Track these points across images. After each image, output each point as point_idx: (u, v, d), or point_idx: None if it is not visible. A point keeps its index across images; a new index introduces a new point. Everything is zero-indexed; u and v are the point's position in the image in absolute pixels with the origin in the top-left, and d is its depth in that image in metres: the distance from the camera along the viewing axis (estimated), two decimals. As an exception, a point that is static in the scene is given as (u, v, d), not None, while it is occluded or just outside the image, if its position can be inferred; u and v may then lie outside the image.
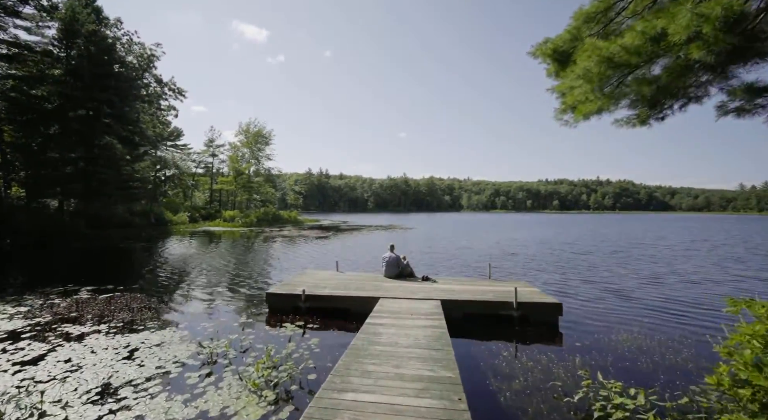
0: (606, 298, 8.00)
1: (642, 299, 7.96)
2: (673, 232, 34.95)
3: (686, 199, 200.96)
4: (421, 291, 7.27)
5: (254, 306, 7.46)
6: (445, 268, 12.64)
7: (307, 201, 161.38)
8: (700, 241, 23.65)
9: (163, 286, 9.16)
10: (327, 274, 9.02)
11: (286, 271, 11.80)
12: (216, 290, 8.83)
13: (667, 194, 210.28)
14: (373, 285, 7.81)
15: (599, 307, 7.36)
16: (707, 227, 43.21)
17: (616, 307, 7.38)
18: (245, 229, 36.32)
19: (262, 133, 51.24)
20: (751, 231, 36.21)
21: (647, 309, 7.22)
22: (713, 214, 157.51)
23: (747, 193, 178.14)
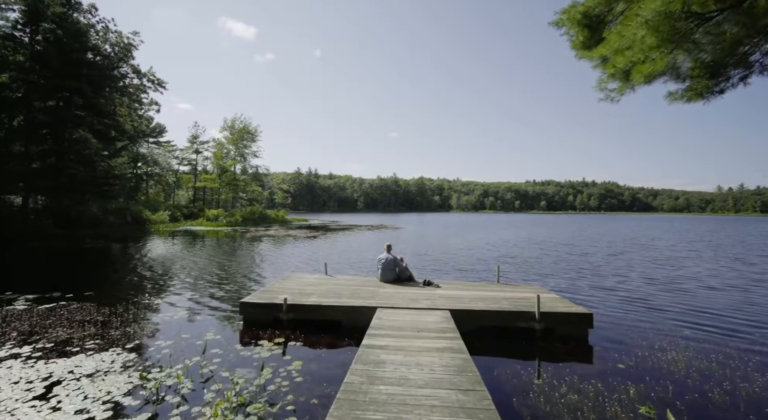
0: (631, 308, 7.03)
1: (671, 308, 7.01)
2: (664, 232, 34.99)
3: (668, 200, 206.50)
4: (424, 298, 6.22)
5: (226, 318, 6.26)
6: (443, 270, 11.64)
7: (296, 201, 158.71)
8: (697, 242, 23.40)
9: (122, 294, 7.84)
10: (314, 279, 7.88)
11: (267, 274, 10.59)
12: (183, 298, 7.58)
13: (649, 195, 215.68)
14: (368, 291, 6.72)
15: (627, 318, 6.39)
16: (694, 228, 43.70)
17: (647, 317, 6.41)
18: (229, 228, 34.66)
19: (249, 129, 49.44)
20: (740, 232, 36.61)
21: (683, 320, 6.25)
22: (693, 214, 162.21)
23: (724, 195, 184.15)
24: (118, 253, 15.25)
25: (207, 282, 9.26)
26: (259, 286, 8.67)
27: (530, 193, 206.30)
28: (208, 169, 55.36)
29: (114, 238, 21.24)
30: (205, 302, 7.28)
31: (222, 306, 7.01)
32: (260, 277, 10.02)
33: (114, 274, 10.53)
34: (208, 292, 8.19)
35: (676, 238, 26.50)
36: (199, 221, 39.14)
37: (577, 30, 5.17)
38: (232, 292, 8.19)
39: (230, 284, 9.05)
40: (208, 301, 7.41)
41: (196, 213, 44.32)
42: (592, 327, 5.29)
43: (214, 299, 7.54)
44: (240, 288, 8.68)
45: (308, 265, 12.44)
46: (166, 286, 8.86)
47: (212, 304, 7.19)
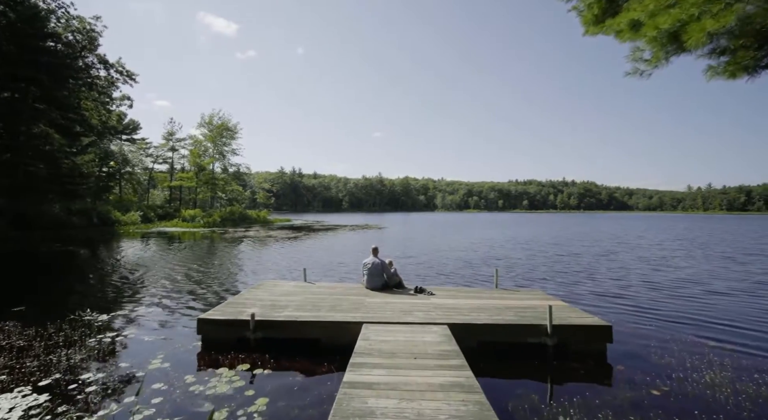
0: (643, 317, 6.28)
1: (687, 317, 6.26)
2: (644, 230, 35.63)
3: (642, 199, 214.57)
4: (417, 309, 5.39)
5: (183, 338, 5.24)
6: (433, 274, 10.88)
7: (280, 200, 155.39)
8: (680, 240, 23.65)
9: (61, 308, 6.65)
10: (290, 287, 6.92)
11: (239, 281, 9.52)
12: (134, 313, 6.47)
13: (625, 195, 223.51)
14: (352, 302, 5.84)
15: (643, 329, 5.66)
16: (671, 226, 44.92)
17: (665, 329, 5.66)
18: (206, 229, 32.91)
19: (228, 125, 47.45)
20: (714, 229, 37.74)
21: (706, 334, 5.46)
22: (666, 213, 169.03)
23: (694, 194, 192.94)
24: (74, 258, 13.74)
25: (167, 292, 8.13)
26: (227, 295, 7.62)
27: (513, 193, 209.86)
28: (186, 167, 52.91)
29: (75, 241, 19.46)
30: (159, 318, 6.21)
31: (179, 322, 5.96)
32: (230, 285, 8.94)
33: (59, 283, 9.21)
34: (165, 304, 7.09)
35: (658, 236, 26.82)
36: (174, 222, 37.12)
37: (592, 1, 4.47)
38: (195, 305, 7.13)
39: (194, 294, 7.95)
40: (164, 316, 6.34)
41: (172, 213, 42.13)
42: (611, 341, 4.59)
43: (172, 314, 6.47)
44: (205, 299, 7.61)
45: (286, 269, 11.42)
46: (117, 297, 7.68)
47: (168, 319, 6.13)
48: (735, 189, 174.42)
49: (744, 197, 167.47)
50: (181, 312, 6.55)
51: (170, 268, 11.39)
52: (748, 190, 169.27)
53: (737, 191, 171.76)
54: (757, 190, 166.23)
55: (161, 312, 6.53)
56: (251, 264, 12.53)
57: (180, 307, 6.82)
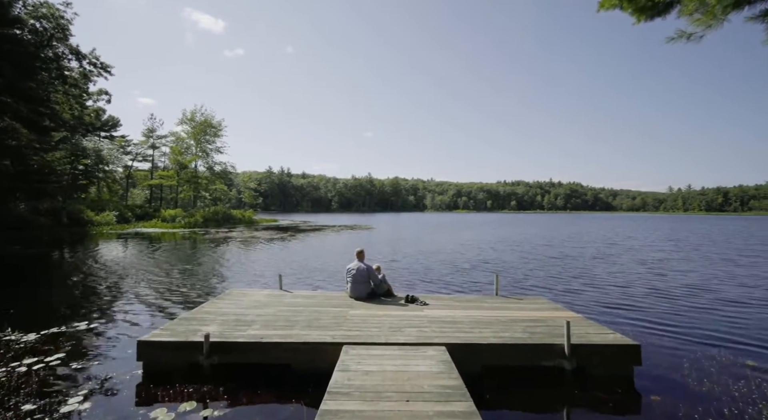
0: (662, 333, 5.41)
1: (714, 333, 5.39)
2: (632, 231, 35.81)
3: (626, 200, 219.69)
4: (409, 325, 4.57)
5: (122, 363, 4.28)
6: (427, 279, 10.10)
7: (268, 200, 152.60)
8: (671, 241, 23.57)
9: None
10: (262, 297, 6.01)
11: (209, 288, 8.52)
12: (73, 331, 5.45)
13: (609, 195, 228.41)
14: (333, 315, 4.98)
15: (668, 348, 4.84)
16: (656, 226, 45.51)
17: (694, 347, 4.80)
18: (187, 230, 31.42)
19: (211, 122, 45.78)
20: (698, 229, 38.28)
21: (741, 352, 4.69)
22: (648, 213, 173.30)
23: (675, 195, 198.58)
24: (29, 262, 12.42)
25: (119, 304, 7.09)
26: (191, 306, 6.63)
27: (501, 193, 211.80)
28: (168, 165, 50.83)
29: (38, 243, 17.95)
30: (100, 338, 5.21)
31: (122, 343, 4.98)
32: (196, 294, 7.94)
33: (11, 291, 8.03)
34: (113, 319, 6.08)
35: (648, 237, 26.79)
36: (153, 222, 35.39)
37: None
38: (148, 320, 6.14)
39: (150, 307, 6.94)
40: (107, 335, 5.34)
41: (151, 213, 40.26)
42: (639, 363, 3.87)
43: (117, 332, 5.47)
44: (162, 312, 6.62)
45: (261, 274, 10.45)
46: (58, 310, 6.62)
47: (110, 340, 5.14)
48: (713, 190, 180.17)
49: (721, 198, 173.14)
50: (129, 330, 5.55)
51: (134, 273, 10.27)
52: (725, 191, 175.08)
53: (715, 192, 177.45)
54: (733, 192, 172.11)
55: (104, 330, 5.53)
56: (225, 268, 11.49)
57: (128, 324, 5.81)
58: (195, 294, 7.79)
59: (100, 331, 5.43)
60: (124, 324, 5.80)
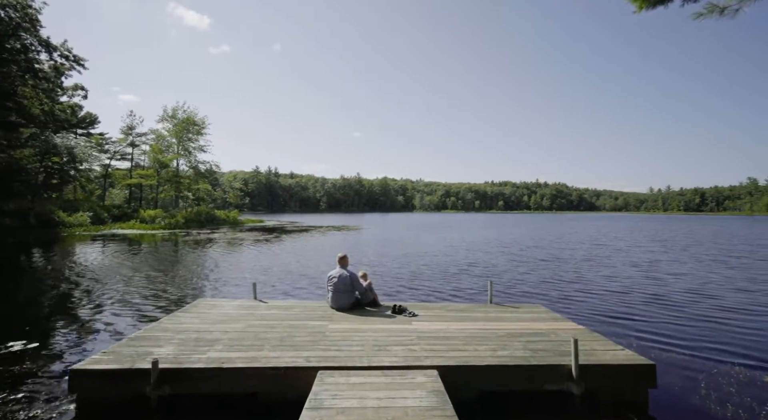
0: (670, 348, 4.87)
1: (725, 347, 4.91)
2: (618, 231, 36.29)
3: (609, 200, 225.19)
4: (396, 342, 4.03)
5: (55, 394, 3.61)
6: (415, 283, 9.61)
7: (255, 201, 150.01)
8: (657, 242, 23.79)
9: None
10: (231, 308, 5.38)
11: (178, 296, 7.80)
12: (8, 351, 4.71)
13: (593, 196, 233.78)
14: (310, 330, 4.41)
15: (680, 366, 4.35)
16: (639, 226, 46.38)
17: (709, 365, 4.28)
18: (167, 231, 30.18)
19: (194, 120, 44.28)
20: (681, 229, 39.09)
21: (759, 369, 4.32)
22: (630, 213, 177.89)
23: (655, 196, 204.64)
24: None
25: (72, 317, 6.34)
26: (146, 322, 5.91)
27: (489, 194, 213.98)
28: (148, 164, 48.96)
29: (4, 246, 16.68)
30: (35, 361, 4.49)
31: (62, 371, 4.28)
32: (161, 305, 7.21)
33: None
34: (58, 338, 5.35)
35: (634, 238, 27.04)
36: (131, 223, 33.88)
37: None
38: (99, 338, 5.43)
39: (106, 322, 6.19)
40: (45, 358, 4.62)
41: (130, 214, 38.61)
42: (654, 385, 3.43)
43: (59, 355, 4.75)
44: (116, 329, 5.90)
45: (239, 281, 9.76)
46: (5, 325, 5.82)
47: (50, 363, 4.43)
48: (691, 191, 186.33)
49: (698, 199, 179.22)
50: (71, 353, 4.84)
51: (96, 280, 9.43)
52: (702, 192, 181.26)
53: (693, 193, 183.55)
54: (710, 192, 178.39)
55: (43, 352, 4.80)
56: (198, 274, 10.69)
57: (72, 346, 5.09)
58: (159, 305, 7.07)
59: (37, 353, 4.69)
60: (67, 344, 5.07)
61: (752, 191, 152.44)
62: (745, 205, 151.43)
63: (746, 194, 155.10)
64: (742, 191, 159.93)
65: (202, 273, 10.83)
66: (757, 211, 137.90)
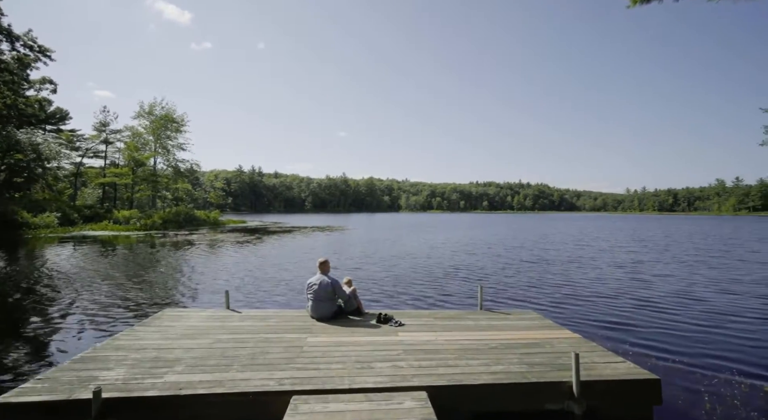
0: (667, 354, 4.75)
1: (726, 356, 4.77)
2: (597, 230, 37.12)
3: (588, 200, 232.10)
4: (380, 358, 3.66)
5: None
6: (401, 288, 9.27)
7: (238, 200, 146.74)
8: (641, 242, 24.31)
9: None
10: (199, 320, 4.87)
11: (138, 308, 7.17)
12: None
13: (574, 196, 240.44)
14: (285, 345, 3.98)
15: (681, 378, 4.12)
16: (619, 226, 47.68)
17: (712, 377, 4.08)
18: (142, 233, 28.83)
19: (172, 117, 42.66)
20: (658, 229, 40.36)
21: (758, 373, 4.23)
22: (609, 213, 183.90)
23: (631, 196, 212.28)
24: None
25: (13, 335, 5.66)
26: (100, 338, 5.31)
27: (474, 194, 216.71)
28: (124, 162, 46.81)
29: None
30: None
31: None
32: (120, 318, 6.59)
33: None
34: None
35: (615, 238, 27.63)
36: (103, 225, 32.21)
37: None
38: (43, 359, 4.82)
39: (54, 339, 5.57)
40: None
41: (103, 215, 36.74)
42: (659, 402, 3.19)
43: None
44: (64, 348, 5.30)
45: (213, 288, 9.16)
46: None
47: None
48: (664, 192, 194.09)
49: (672, 199, 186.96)
50: (4, 380, 4.24)
51: (53, 286, 8.64)
52: (675, 192, 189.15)
53: (666, 194, 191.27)
54: (682, 193, 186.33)
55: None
56: (168, 280, 9.97)
57: (2, 369, 4.48)
58: (118, 317, 6.43)
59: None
60: (21, 355, 4.46)
61: (720, 192, 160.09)
62: (713, 205, 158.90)
63: (714, 195, 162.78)
64: (710, 192, 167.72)
65: (173, 278, 10.13)
66: (725, 211, 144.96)
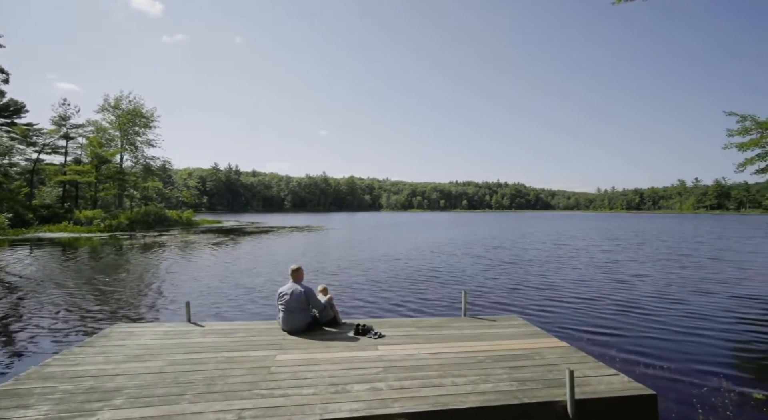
0: (655, 362, 4.59)
1: (702, 354, 4.82)
2: (572, 229, 38.27)
3: (562, 199, 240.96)
4: (357, 378, 3.28)
5: None
6: (380, 293, 8.91)
7: (214, 200, 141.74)
8: (615, 241, 25.07)
9: None
10: (153, 337, 4.31)
11: (83, 324, 6.43)
12: None
13: (549, 195, 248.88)
14: (250, 366, 3.53)
15: (675, 389, 3.93)
16: (591, 225, 49.45)
17: (708, 389, 3.91)
18: (106, 234, 27.04)
19: (140, 111, 40.34)
20: (628, 227, 42.10)
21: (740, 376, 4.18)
22: (581, 211, 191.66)
23: (602, 195, 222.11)
24: None
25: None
26: (21, 367, 4.63)
27: (453, 193, 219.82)
28: (87, 159, 43.84)
29: None
30: None
31: None
32: (61, 336, 5.86)
33: None
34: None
35: (590, 237, 28.45)
36: (62, 226, 29.99)
37: None
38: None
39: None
40: None
41: (62, 215, 34.24)
42: (656, 419, 2.99)
43: None
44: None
45: (174, 297, 8.46)
46: None
47: None
48: (632, 191, 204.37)
49: (638, 198, 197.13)
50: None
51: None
52: (641, 192, 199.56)
53: (633, 193, 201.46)
54: (647, 193, 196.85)
55: None
56: (126, 288, 9.03)
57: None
58: (56, 337, 5.66)
59: None
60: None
61: (681, 192, 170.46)
62: (675, 204, 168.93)
63: (676, 194, 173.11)
64: (673, 192, 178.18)
65: (131, 286, 9.23)
66: (685, 210, 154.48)
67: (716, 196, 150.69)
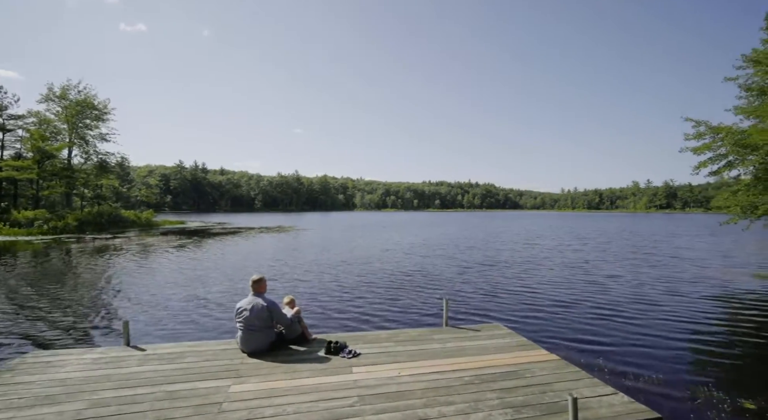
0: (646, 374, 4.37)
1: (688, 363, 4.67)
2: (539, 228, 39.60)
3: (530, 199, 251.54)
4: (327, 413, 2.76)
5: None
6: (354, 302, 8.39)
7: (178, 199, 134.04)
8: (582, 240, 25.97)
9: None
10: (77, 368, 3.54)
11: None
12: None
13: (517, 195, 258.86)
14: (198, 402, 2.91)
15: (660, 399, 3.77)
16: (556, 224, 51.57)
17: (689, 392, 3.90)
18: (49, 237, 24.41)
19: (92, 103, 37.00)
20: (591, 226, 44.20)
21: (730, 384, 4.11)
22: (547, 211, 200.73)
23: (566, 196, 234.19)
24: None
25: None
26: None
27: (426, 193, 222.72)
28: (29, 153, 39.55)
29: None
30: None
31: None
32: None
33: None
34: None
35: (559, 236, 29.41)
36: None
37: None
38: None
39: None
40: None
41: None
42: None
43: None
44: None
45: (117, 312, 7.46)
46: None
47: None
48: (592, 192, 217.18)
49: (598, 198, 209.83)
50: None
51: None
52: (600, 192, 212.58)
53: (593, 193, 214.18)
54: (606, 193, 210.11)
55: None
56: (57, 303, 7.68)
57: None
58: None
59: None
60: None
61: (635, 192, 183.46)
62: (630, 203, 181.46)
63: (631, 195, 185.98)
64: (628, 192, 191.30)
65: (63, 300, 7.89)
66: (639, 209, 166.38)
67: (665, 196, 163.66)
